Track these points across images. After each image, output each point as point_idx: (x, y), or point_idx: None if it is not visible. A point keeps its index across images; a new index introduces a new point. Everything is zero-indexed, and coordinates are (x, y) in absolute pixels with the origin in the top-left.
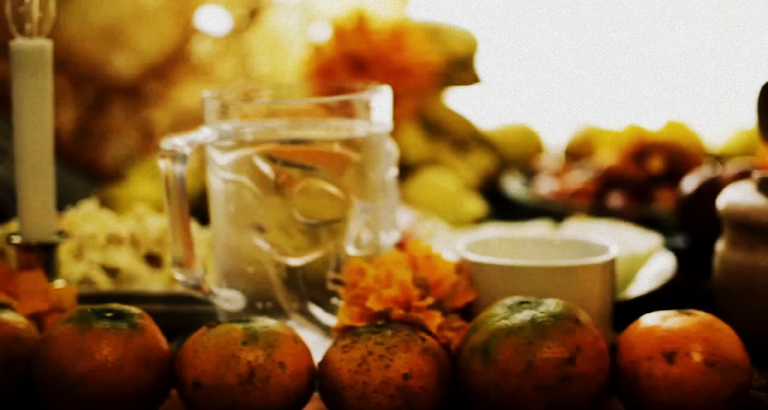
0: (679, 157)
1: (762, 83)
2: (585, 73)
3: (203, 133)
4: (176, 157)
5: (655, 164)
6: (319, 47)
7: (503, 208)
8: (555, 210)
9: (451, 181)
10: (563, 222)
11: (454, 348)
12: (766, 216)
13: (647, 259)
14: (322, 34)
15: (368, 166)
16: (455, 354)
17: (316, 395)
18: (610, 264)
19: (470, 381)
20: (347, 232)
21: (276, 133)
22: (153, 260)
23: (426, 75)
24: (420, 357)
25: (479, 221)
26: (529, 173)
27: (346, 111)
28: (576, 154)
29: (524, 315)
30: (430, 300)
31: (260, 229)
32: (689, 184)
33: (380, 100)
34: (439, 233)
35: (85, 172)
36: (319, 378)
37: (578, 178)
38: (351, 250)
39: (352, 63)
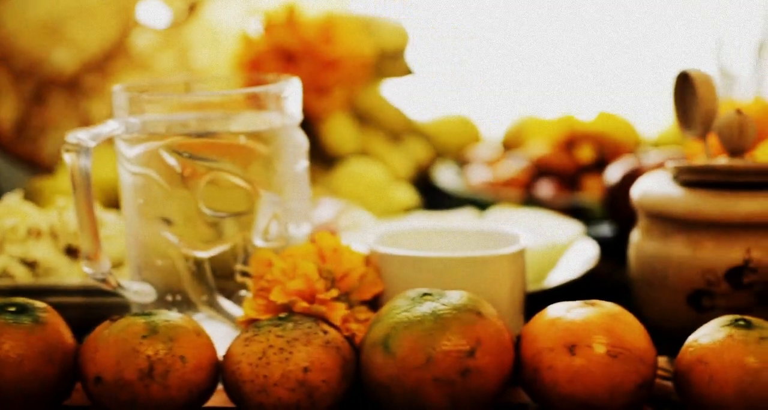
0: (608, 147)
1: (676, 73)
2: (523, 64)
3: (109, 126)
4: (81, 150)
5: (585, 154)
6: (250, 40)
7: (437, 198)
8: (486, 200)
9: (379, 172)
10: (488, 211)
11: (359, 341)
12: (679, 206)
13: (566, 249)
14: (255, 27)
15: (276, 158)
16: (359, 346)
17: (221, 388)
18: (520, 255)
19: (372, 375)
20: (255, 225)
21: (182, 126)
22: (73, 253)
23: (356, 67)
24: (321, 350)
25: (409, 211)
26: (463, 163)
27: (255, 103)
28: (513, 145)
29: (425, 308)
30: (334, 293)
31: (168, 222)
32: (613, 173)
33: (289, 92)
34: (365, 223)
35: (25, 165)
36: (221, 371)
37: (510, 168)
38: (259, 242)
39: (281, 55)
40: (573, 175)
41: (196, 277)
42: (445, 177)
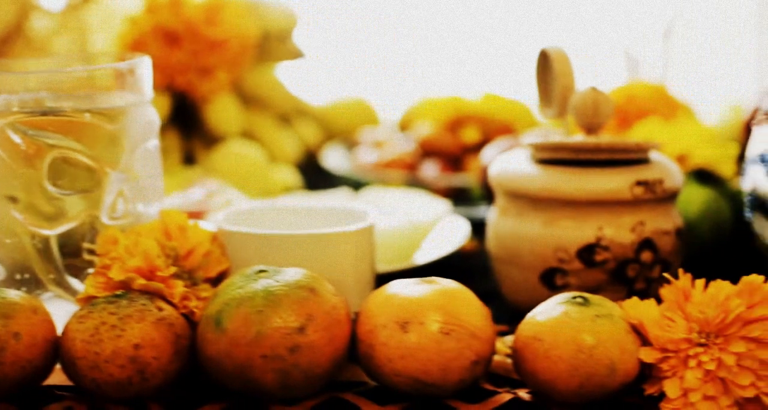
0: (494, 128)
1: (538, 50)
2: (419, 46)
3: None
4: None
5: (470, 135)
6: (134, 20)
7: (325, 180)
8: (370, 181)
9: (258, 152)
10: (362, 191)
11: (197, 318)
12: (534, 184)
13: (431, 228)
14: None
15: (123, 135)
16: (197, 323)
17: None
18: (365, 233)
19: (205, 351)
20: (101, 203)
21: (27, 104)
22: None
23: (241, 48)
24: (153, 327)
25: (290, 191)
26: (353, 145)
27: (103, 82)
28: (408, 127)
29: (259, 285)
30: (173, 270)
31: (13, 200)
32: (489, 154)
33: (138, 71)
34: (237, 203)
35: None
36: (59, 348)
37: (395, 149)
38: (106, 220)
39: (164, 36)
40: (458, 155)
41: (42, 256)
42: (333, 158)
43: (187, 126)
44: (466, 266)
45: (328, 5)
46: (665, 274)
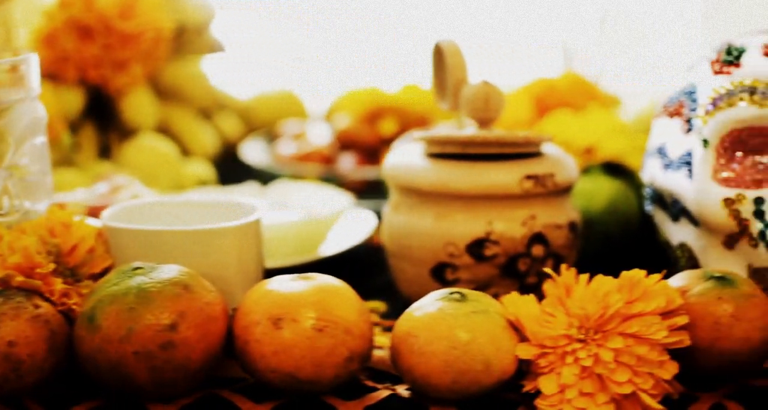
0: (411, 120)
1: (434, 43)
2: (346, 37)
3: None
4: None
5: (387, 127)
6: (48, 14)
7: (244, 173)
8: (288, 174)
9: (169, 146)
10: (269, 186)
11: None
12: (424, 178)
13: (332, 222)
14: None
15: (8, 132)
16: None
17: None
18: (249, 228)
19: (80, 347)
20: None
21: None
22: None
23: (156, 42)
24: (28, 324)
25: (203, 185)
26: (275, 138)
27: None
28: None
29: (133, 282)
30: (52, 267)
31: None
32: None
33: (23, 67)
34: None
35: None
36: None
37: (313, 142)
38: None
39: (77, 30)
40: (376, 148)
41: None
42: (252, 152)
43: (104, 120)
44: (372, 260)
45: None
46: (546, 269)
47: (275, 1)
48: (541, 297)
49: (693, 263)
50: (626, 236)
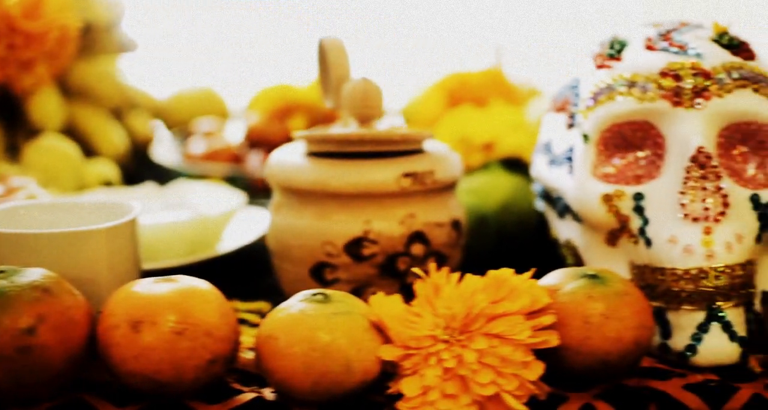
0: (320, 116)
1: (318, 40)
2: (264, 33)
3: None
4: None
5: (296, 124)
6: None
7: (156, 172)
8: (196, 173)
9: (71, 147)
10: (169, 185)
11: None
12: (303, 177)
13: (223, 221)
14: None
15: None
16: None
17: None
18: (121, 229)
19: None
20: None
21: None
22: None
23: (62, 41)
24: None
25: (108, 186)
26: (188, 136)
27: None
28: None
29: None
30: None
31: None
32: None
33: None
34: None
35: None
36: None
37: (222, 140)
38: None
39: None
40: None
41: None
42: (163, 151)
43: (11, 120)
44: (265, 259)
45: None
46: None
47: None
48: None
49: (578, 260)
50: (522, 234)
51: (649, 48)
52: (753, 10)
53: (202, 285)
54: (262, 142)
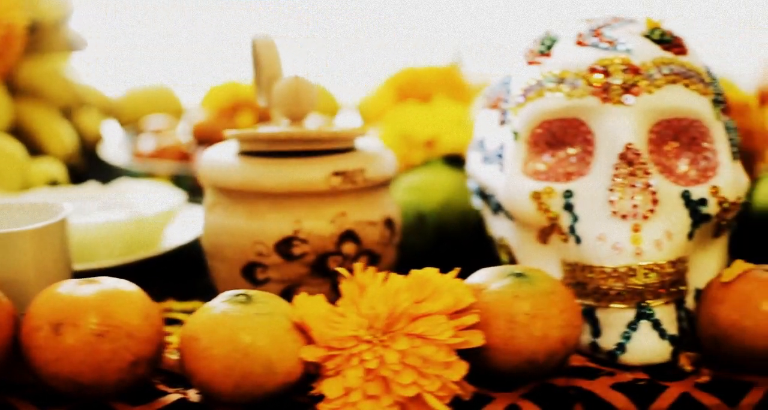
0: (268, 114)
1: (252, 39)
2: (218, 30)
3: None
4: None
5: (244, 121)
6: None
7: (106, 171)
8: (144, 172)
9: (15, 146)
10: (111, 184)
11: None
12: (234, 177)
13: (162, 221)
14: None
15: None
16: None
17: None
18: (48, 231)
19: None
20: None
21: None
22: None
23: (8, 40)
24: None
25: (53, 185)
26: (138, 133)
27: None
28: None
29: None
30: None
31: None
32: None
33: None
34: None
35: None
36: None
37: (170, 138)
38: None
39: None
40: None
41: None
42: (112, 149)
43: None
44: (202, 258)
45: None
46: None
47: None
48: None
49: (512, 258)
50: (463, 231)
51: (580, 44)
52: (753, 9)
53: (125, 286)
54: (209, 139)
